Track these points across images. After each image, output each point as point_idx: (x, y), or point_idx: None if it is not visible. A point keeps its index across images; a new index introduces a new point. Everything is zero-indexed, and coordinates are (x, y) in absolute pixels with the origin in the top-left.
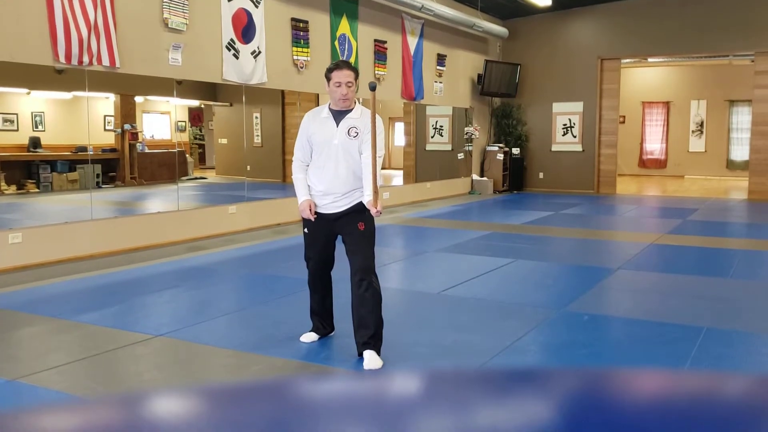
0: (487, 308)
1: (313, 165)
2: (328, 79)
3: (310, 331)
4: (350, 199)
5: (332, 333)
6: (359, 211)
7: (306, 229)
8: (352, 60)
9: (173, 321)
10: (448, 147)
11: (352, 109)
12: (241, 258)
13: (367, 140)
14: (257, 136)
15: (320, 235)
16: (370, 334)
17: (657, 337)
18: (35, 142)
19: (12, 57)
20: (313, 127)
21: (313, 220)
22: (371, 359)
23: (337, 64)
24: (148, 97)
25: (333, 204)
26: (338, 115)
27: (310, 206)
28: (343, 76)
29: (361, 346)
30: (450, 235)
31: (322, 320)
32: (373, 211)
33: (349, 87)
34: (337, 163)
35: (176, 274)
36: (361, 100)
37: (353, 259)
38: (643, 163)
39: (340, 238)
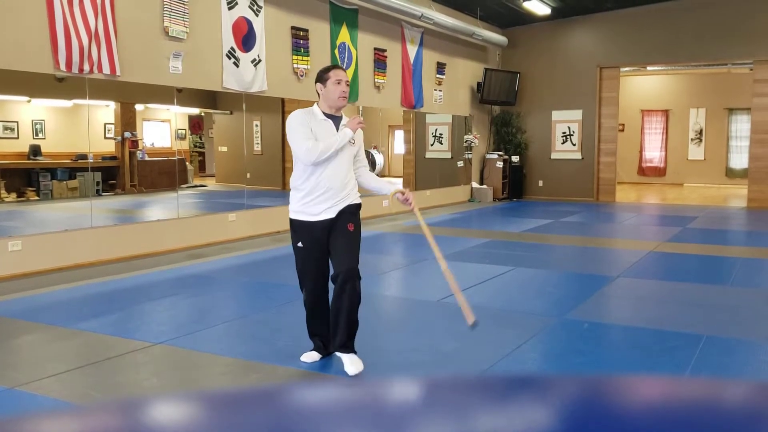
0: (487, 316)
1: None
2: (326, 79)
3: (312, 350)
4: (346, 201)
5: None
6: (351, 212)
7: (300, 243)
8: (351, 68)
9: (173, 329)
10: (448, 155)
11: (341, 116)
12: (240, 266)
13: (361, 153)
14: (257, 143)
15: (317, 247)
16: (343, 341)
17: (657, 345)
18: (35, 150)
19: (12, 65)
20: (314, 127)
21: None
22: (352, 362)
23: (334, 65)
24: (149, 105)
25: (331, 208)
26: (336, 121)
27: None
28: (342, 74)
29: (338, 349)
30: (449, 243)
31: (323, 340)
32: (402, 197)
33: (347, 85)
34: (336, 168)
35: (176, 282)
36: (361, 109)
37: (340, 259)
38: (642, 171)
39: None
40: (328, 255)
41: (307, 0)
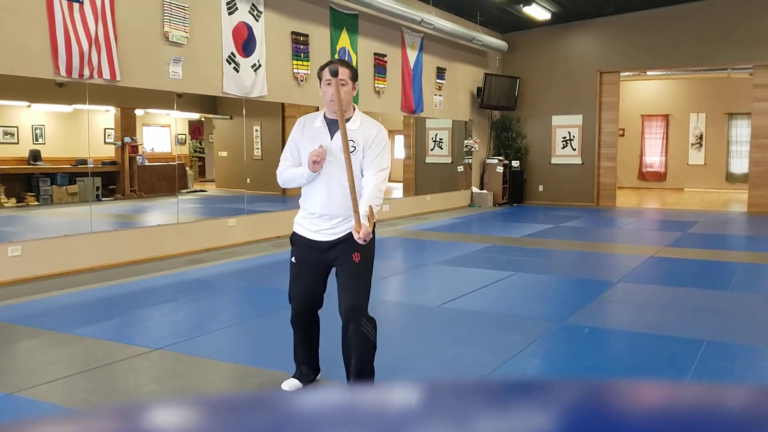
0: (488, 321)
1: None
2: (320, 78)
3: (293, 377)
4: (348, 225)
5: (318, 377)
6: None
7: (293, 258)
8: None
9: (172, 334)
10: (448, 160)
11: (349, 118)
12: (240, 271)
13: (371, 157)
14: (257, 149)
15: (310, 267)
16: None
17: (657, 350)
18: (35, 155)
19: (13, 70)
20: (305, 138)
21: (323, 157)
22: None
23: (330, 61)
24: (149, 110)
25: (329, 230)
26: (334, 126)
27: (318, 152)
28: (333, 72)
29: None
30: (450, 248)
31: (306, 365)
32: (355, 236)
33: (343, 86)
34: (329, 181)
35: (176, 287)
36: (356, 108)
37: (342, 296)
38: (642, 176)
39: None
40: (323, 282)
41: (307, 5)
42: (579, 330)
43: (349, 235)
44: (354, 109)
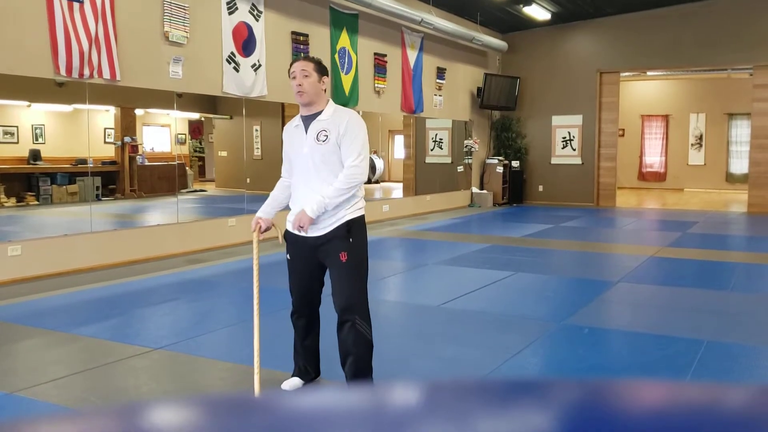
0: (487, 321)
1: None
2: (289, 76)
3: (293, 375)
4: (333, 219)
5: (318, 378)
6: (342, 237)
7: (288, 255)
8: (351, 73)
9: (172, 334)
10: (448, 160)
11: (321, 111)
12: (240, 271)
13: (344, 147)
14: (257, 148)
15: (302, 263)
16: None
17: (657, 350)
18: (35, 155)
19: (13, 70)
20: (288, 139)
21: (257, 237)
22: None
23: (296, 58)
24: (149, 110)
25: (314, 225)
26: (308, 121)
27: (257, 222)
28: (297, 65)
29: None
30: (450, 248)
31: (306, 363)
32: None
33: (306, 77)
34: (307, 175)
35: (176, 287)
36: (361, 113)
37: (334, 296)
38: (642, 176)
39: None
40: (318, 279)
41: (307, 5)
42: (579, 330)
43: (335, 233)
44: (327, 102)
